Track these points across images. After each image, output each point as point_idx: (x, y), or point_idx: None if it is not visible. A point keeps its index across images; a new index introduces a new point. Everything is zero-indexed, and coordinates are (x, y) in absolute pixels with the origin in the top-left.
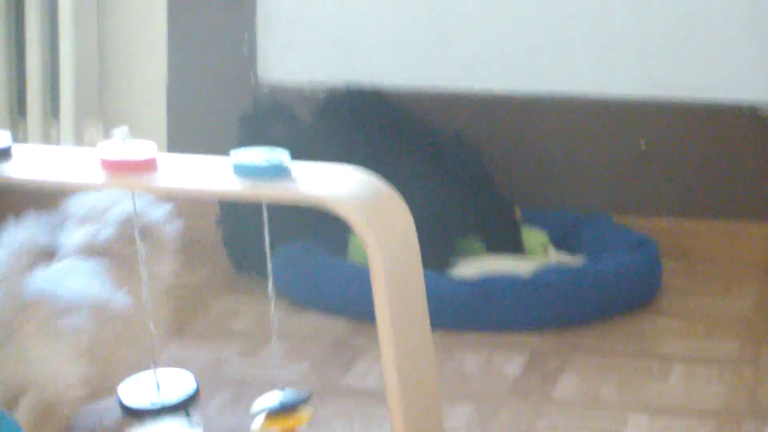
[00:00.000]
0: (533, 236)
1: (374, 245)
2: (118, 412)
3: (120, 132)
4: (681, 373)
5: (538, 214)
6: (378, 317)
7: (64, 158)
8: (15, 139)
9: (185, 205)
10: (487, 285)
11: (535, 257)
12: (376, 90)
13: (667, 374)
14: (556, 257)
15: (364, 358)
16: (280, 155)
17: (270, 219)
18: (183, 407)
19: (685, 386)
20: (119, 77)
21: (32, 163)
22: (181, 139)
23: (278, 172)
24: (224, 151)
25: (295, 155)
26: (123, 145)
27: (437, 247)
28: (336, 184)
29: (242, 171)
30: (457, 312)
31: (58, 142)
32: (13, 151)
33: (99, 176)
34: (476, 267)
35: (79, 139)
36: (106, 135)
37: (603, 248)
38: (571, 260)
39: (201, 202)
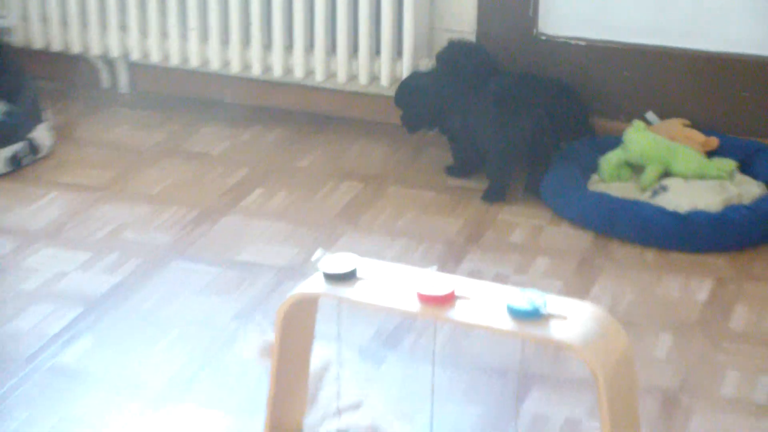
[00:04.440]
0: (723, 164)
1: (602, 378)
2: None
3: (430, 270)
4: None
5: (730, 141)
6: (602, 423)
7: (394, 281)
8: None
9: None
10: (690, 218)
11: (723, 181)
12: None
13: None
14: (737, 183)
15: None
16: (539, 299)
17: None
18: None
19: None
20: (438, 29)
21: (371, 285)
22: None
23: (537, 314)
24: None
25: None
26: (432, 279)
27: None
28: (576, 326)
29: (512, 312)
30: (666, 237)
31: (401, 73)
32: (359, 272)
33: (414, 306)
34: (685, 197)
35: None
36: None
37: None
38: (755, 187)
39: None
